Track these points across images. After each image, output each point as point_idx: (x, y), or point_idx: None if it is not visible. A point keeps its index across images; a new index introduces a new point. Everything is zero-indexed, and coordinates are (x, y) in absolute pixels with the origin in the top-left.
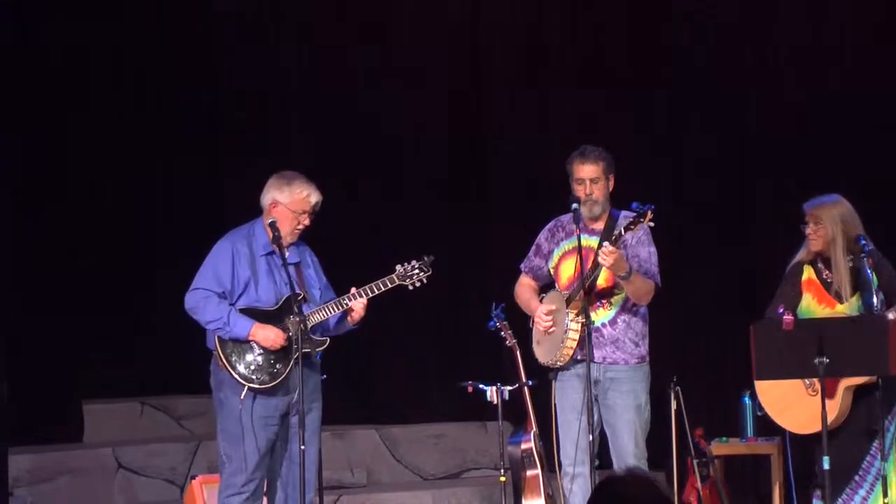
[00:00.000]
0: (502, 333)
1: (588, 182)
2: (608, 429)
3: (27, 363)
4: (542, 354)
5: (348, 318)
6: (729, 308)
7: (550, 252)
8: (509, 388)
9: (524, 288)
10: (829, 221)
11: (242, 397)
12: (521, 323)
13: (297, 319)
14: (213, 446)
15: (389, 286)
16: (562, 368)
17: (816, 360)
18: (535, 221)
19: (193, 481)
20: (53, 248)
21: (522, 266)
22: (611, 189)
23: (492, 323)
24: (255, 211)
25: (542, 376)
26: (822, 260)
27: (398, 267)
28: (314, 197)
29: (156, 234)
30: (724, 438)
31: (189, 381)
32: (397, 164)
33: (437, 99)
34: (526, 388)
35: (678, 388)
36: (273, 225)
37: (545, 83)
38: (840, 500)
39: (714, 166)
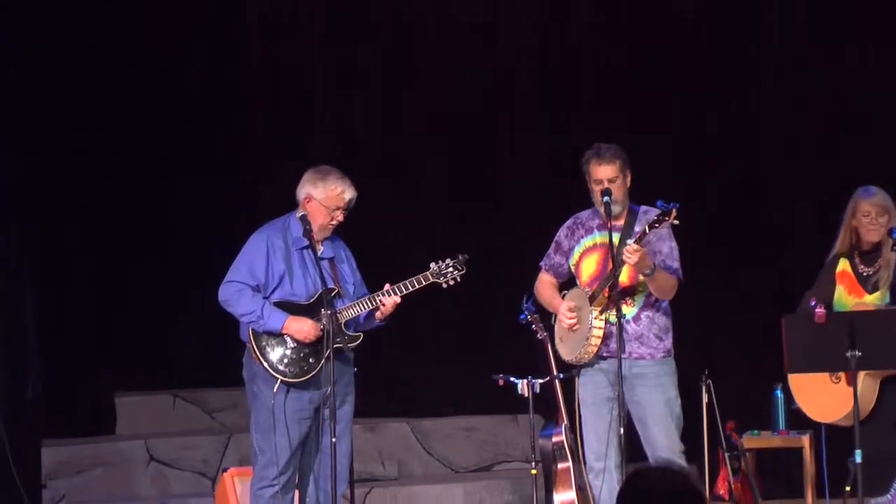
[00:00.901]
0: (533, 326)
1: (606, 182)
2: (639, 425)
3: (60, 356)
4: (565, 352)
5: (377, 314)
6: (761, 301)
7: (571, 249)
8: (540, 381)
9: (545, 286)
10: (893, 213)
11: (275, 390)
12: (552, 316)
13: (330, 314)
14: (245, 439)
15: (423, 284)
16: (585, 365)
17: (848, 354)
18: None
19: (225, 474)
20: (85, 243)
21: (542, 264)
22: (628, 185)
23: (522, 316)
24: (288, 205)
25: (573, 369)
26: (859, 253)
27: (432, 265)
28: (348, 194)
29: (188, 227)
30: (756, 431)
31: (221, 374)
32: (421, 160)
33: (458, 92)
34: (557, 380)
35: (710, 381)
36: (304, 218)
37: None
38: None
39: (745, 164)
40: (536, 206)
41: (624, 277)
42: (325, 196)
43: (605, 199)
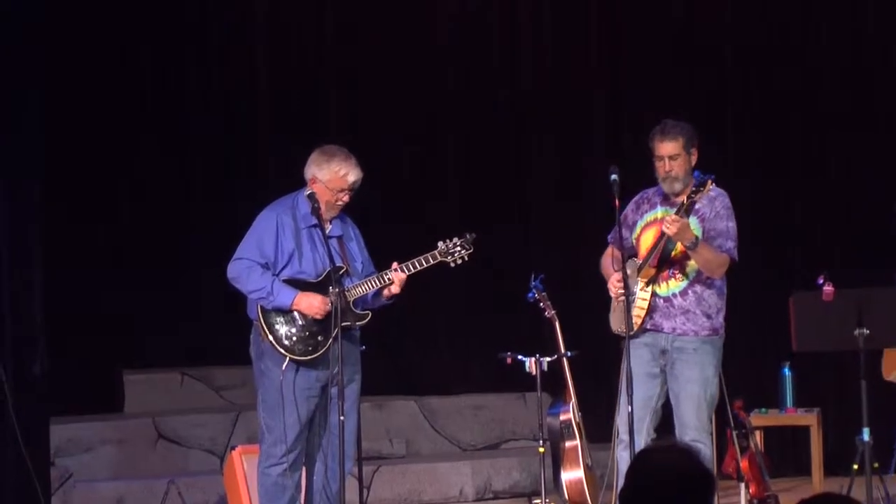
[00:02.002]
0: (541, 304)
1: (667, 159)
2: (673, 400)
3: (68, 334)
4: (614, 322)
5: (385, 291)
6: (769, 277)
7: (634, 223)
8: (548, 359)
9: (607, 258)
10: None
11: (284, 368)
12: (560, 294)
13: (338, 292)
14: (253, 417)
15: (431, 262)
16: (632, 337)
17: (856, 332)
18: (574, 194)
19: (233, 452)
20: (93, 218)
21: (609, 237)
22: (693, 163)
23: (531, 294)
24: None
25: (581, 347)
26: None
27: (440, 244)
28: (352, 176)
29: (197, 204)
30: (764, 409)
31: (229, 351)
32: (431, 138)
33: (476, 74)
34: (565, 359)
35: None
36: (311, 196)
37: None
38: None
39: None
40: (546, 185)
41: (675, 250)
42: (329, 178)
43: (613, 177)
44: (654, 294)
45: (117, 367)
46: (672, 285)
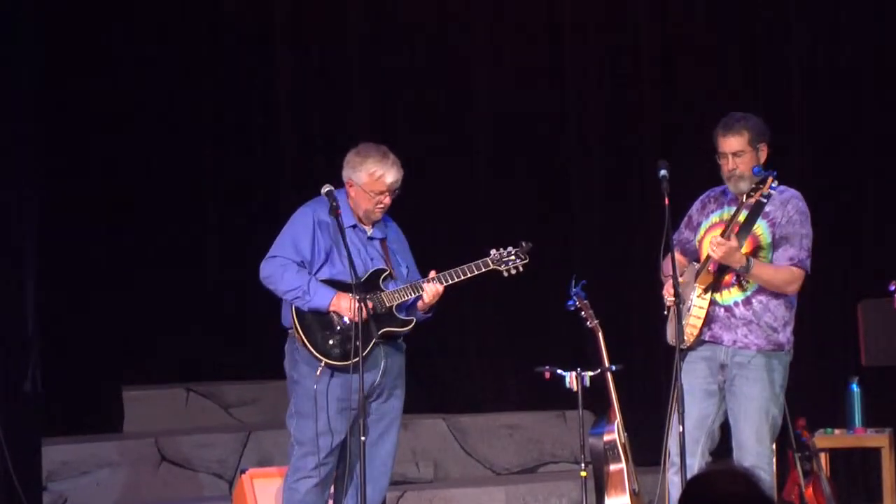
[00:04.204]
0: (582, 313)
1: (731, 157)
2: (732, 419)
3: (62, 346)
4: (670, 333)
5: (419, 303)
6: (836, 285)
7: (699, 224)
8: (591, 373)
9: (668, 262)
10: None
11: (318, 373)
12: (604, 301)
13: (377, 295)
14: (265, 437)
15: (482, 270)
16: (688, 349)
17: None
18: (618, 194)
19: (243, 475)
20: (90, 220)
21: (674, 237)
22: (762, 160)
23: (571, 302)
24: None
25: (627, 360)
26: None
27: (493, 251)
28: (390, 177)
29: (205, 202)
30: (830, 430)
31: (240, 365)
32: (471, 142)
33: (519, 75)
34: (609, 373)
35: None
36: (330, 194)
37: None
38: None
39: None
40: (592, 176)
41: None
42: (365, 181)
43: (662, 172)
44: (713, 302)
45: (116, 382)
46: (734, 293)
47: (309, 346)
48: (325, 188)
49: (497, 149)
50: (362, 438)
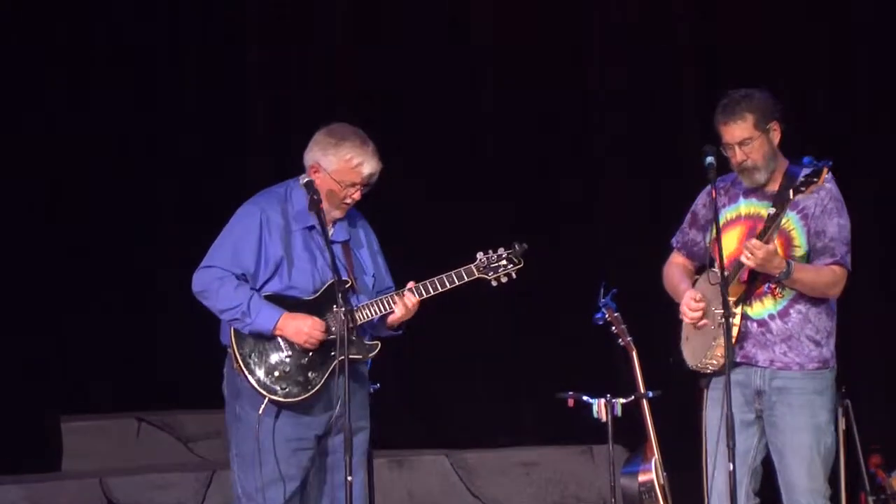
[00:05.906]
0: (613, 329)
1: (737, 147)
2: (775, 455)
3: None
4: (689, 355)
5: (389, 318)
6: None
7: (708, 223)
8: (623, 400)
9: (674, 268)
10: None
11: (261, 411)
12: (639, 315)
13: (344, 312)
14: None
15: (465, 280)
16: (715, 374)
17: None
18: (654, 188)
19: None
20: (23, 235)
21: (674, 241)
22: (776, 142)
23: (599, 315)
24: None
25: (667, 386)
26: None
27: (480, 255)
28: (367, 167)
29: (155, 208)
30: None
31: (200, 392)
32: (483, 139)
33: (532, 71)
34: (645, 400)
35: (848, 401)
36: (310, 185)
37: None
38: None
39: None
40: (622, 172)
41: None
42: (336, 168)
43: (708, 159)
44: (743, 316)
45: (53, 412)
46: (767, 304)
47: (249, 378)
48: (304, 179)
49: (518, 145)
50: (348, 478)
